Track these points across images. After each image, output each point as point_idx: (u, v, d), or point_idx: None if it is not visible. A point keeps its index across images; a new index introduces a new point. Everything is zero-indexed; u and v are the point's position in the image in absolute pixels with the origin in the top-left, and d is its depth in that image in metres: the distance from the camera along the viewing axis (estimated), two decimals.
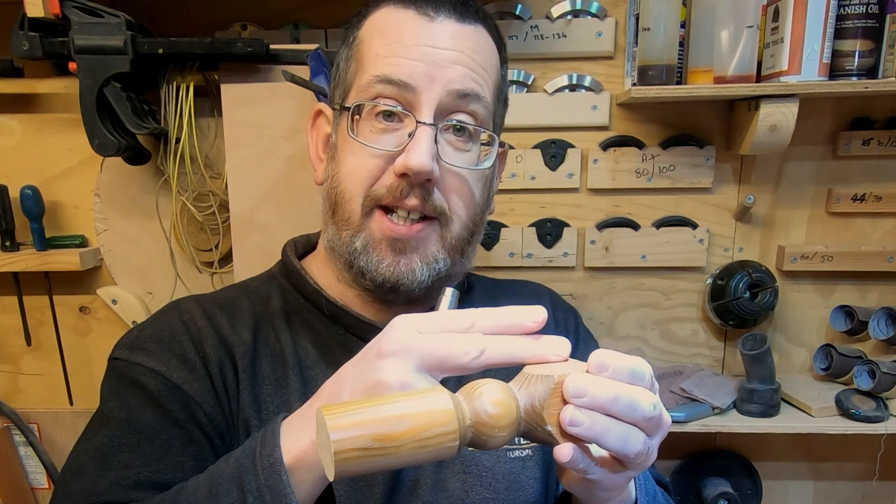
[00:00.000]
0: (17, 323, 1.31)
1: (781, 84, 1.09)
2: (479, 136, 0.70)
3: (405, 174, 0.64)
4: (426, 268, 0.67)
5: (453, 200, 0.68)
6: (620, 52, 1.24)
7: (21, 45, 1.03)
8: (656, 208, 1.30)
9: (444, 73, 0.65)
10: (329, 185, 0.70)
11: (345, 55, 0.72)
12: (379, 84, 0.65)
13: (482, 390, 0.46)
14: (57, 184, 1.28)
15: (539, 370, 0.48)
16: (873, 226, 1.30)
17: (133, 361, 0.65)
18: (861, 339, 1.31)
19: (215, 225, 1.21)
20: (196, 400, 0.64)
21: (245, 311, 0.72)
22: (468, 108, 0.67)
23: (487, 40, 0.70)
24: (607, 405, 0.44)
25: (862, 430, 1.17)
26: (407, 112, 0.65)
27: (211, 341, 0.67)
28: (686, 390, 1.23)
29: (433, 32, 0.65)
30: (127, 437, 0.61)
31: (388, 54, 0.65)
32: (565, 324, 0.83)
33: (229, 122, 1.10)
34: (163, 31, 1.13)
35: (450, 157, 0.67)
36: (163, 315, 0.71)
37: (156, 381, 0.63)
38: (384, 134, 0.66)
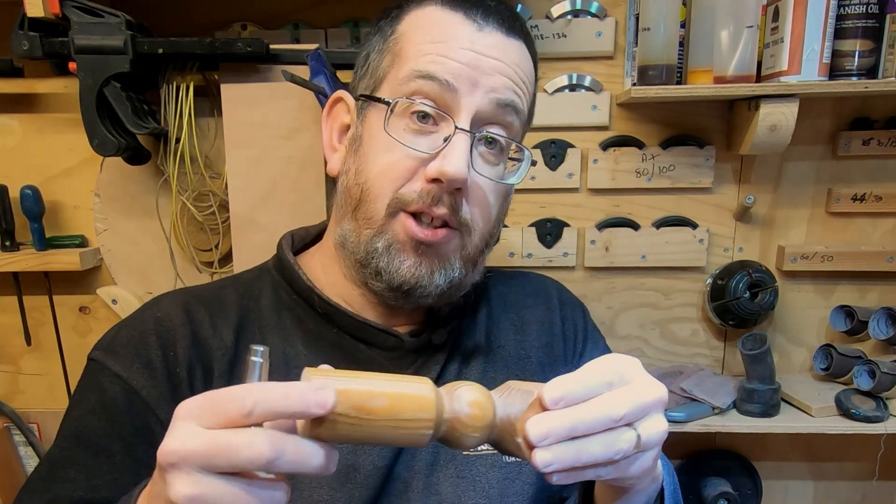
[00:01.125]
0: (17, 323, 1.31)
1: (781, 84, 1.09)
2: (507, 149, 0.68)
3: (437, 180, 0.62)
4: (444, 274, 0.66)
5: (476, 213, 0.66)
6: (620, 52, 1.24)
7: (21, 45, 1.03)
8: (656, 208, 1.30)
9: (487, 80, 0.63)
10: (352, 180, 0.67)
11: (377, 46, 0.69)
12: (419, 79, 0.63)
13: (463, 390, 0.47)
14: (57, 184, 1.28)
15: (522, 385, 0.49)
16: (873, 226, 1.30)
17: (104, 365, 0.64)
18: (861, 339, 1.31)
19: (215, 225, 1.21)
20: (152, 407, 0.62)
21: (231, 306, 0.70)
22: (505, 120, 0.66)
23: (528, 58, 0.69)
24: (570, 434, 0.45)
25: (862, 430, 1.17)
26: (445, 115, 0.63)
27: (183, 342, 0.65)
28: (686, 390, 1.23)
29: (481, 39, 0.64)
30: (76, 451, 0.61)
31: (433, 52, 0.63)
32: (573, 321, 0.81)
33: (229, 122, 1.10)
34: (163, 31, 1.13)
35: (480, 167, 0.65)
36: (141, 313, 0.69)
37: (117, 387, 0.63)
38: (419, 135, 0.64)
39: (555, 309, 0.81)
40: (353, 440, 0.43)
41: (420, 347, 0.70)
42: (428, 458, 0.67)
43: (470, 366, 0.73)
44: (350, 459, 0.65)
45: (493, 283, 0.83)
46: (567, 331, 0.80)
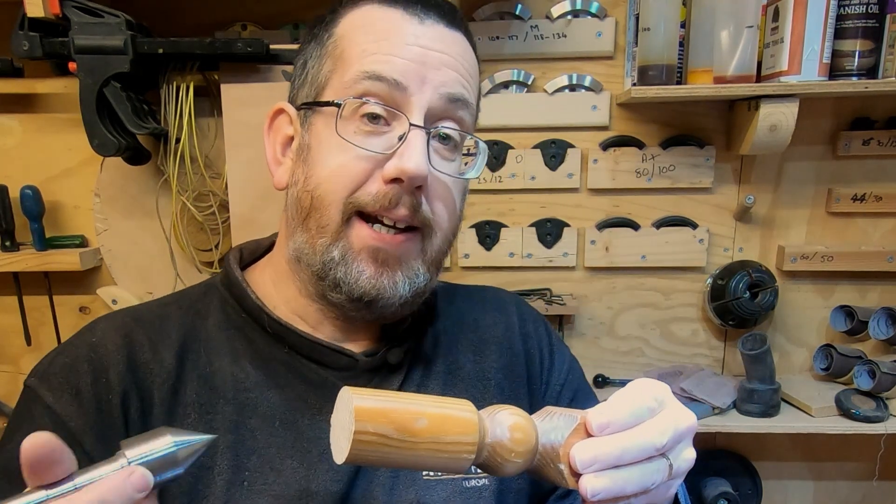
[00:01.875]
0: (17, 323, 1.31)
1: (781, 84, 1.09)
2: (462, 144, 0.66)
3: (397, 179, 0.59)
4: (408, 282, 0.63)
5: (437, 211, 0.64)
6: (620, 52, 1.24)
7: (21, 45, 1.03)
8: (656, 208, 1.30)
9: (436, 75, 0.61)
10: (301, 189, 0.64)
11: (314, 53, 0.66)
12: (367, 80, 0.60)
13: (504, 415, 0.45)
14: (57, 184, 1.28)
15: (563, 410, 0.48)
16: (873, 226, 1.30)
17: (37, 395, 0.61)
18: (861, 339, 1.31)
19: (215, 225, 1.21)
20: (78, 439, 0.59)
21: (174, 326, 0.66)
22: (456, 115, 0.64)
23: (470, 50, 0.67)
24: (617, 462, 0.44)
25: (862, 430, 1.17)
26: (398, 112, 0.61)
27: (116, 368, 0.62)
28: (686, 390, 1.23)
29: (424, 33, 0.62)
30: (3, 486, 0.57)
31: (377, 51, 0.61)
32: (536, 335, 0.79)
33: (229, 122, 1.10)
34: (163, 31, 1.13)
35: (438, 164, 0.63)
36: (77, 338, 0.65)
37: (46, 419, 0.59)
38: (371, 136, 0.61)
39: (514, 327, 0.78)
40: (392, 464, 0.42)
41: (375, 367, 0.67)
42: (387, 482, 0.64)
43: (428, 387, 0.70)
44: (303, 485, 0.62)
45: (451, 299, 0.80)
46: (530, 348, 0.77)
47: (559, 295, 1.32)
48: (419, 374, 0.70)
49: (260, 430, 0.63)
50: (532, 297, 1.30)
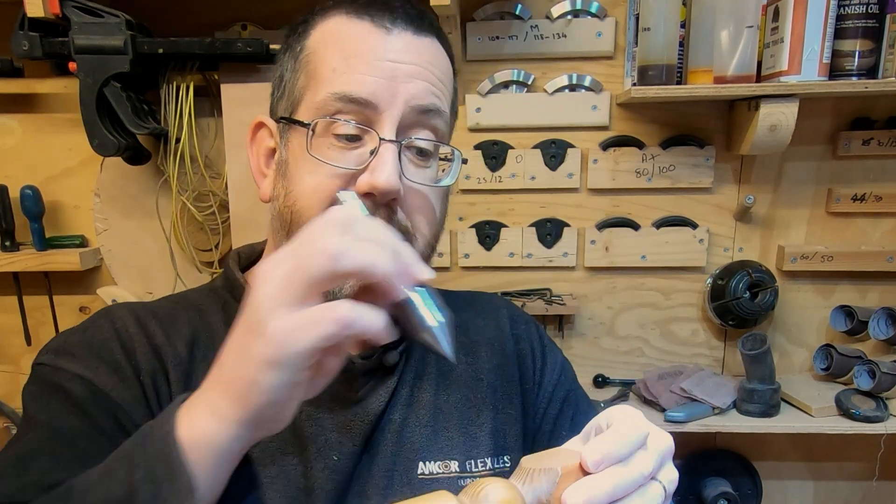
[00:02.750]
0: (17, 323, 1.31)
1: (781, 84, 1.09)
2: (437, 152, 0.67)
3: (370, 193, 0.61)
4: None
5: (417, 219, 0.65)
6: (620, 52, 1.24)
7: (21, 45, 1.03)
8: (656, 208, 1.30)
9: (405, 88, 0.62)
10: (282, 205, 0.66)
11: (290, 66, 0.68)
12: (338, 102, 0.62)
13: (487, 491, 0.44)
14: (57, 184, 1.28)
15: (538, 463, 0.47)
16: (873, 226, 1.30)
17: (58, 367, 0.61)
18: (861, 339, 1.31)
19: (215, 225, 1.21)
20: (125, 408, 0.60)
21: (182, 324, 0.68)
22: (429, 124, 0.64)
23: (442, 53, 0.68)
24: (611, 498, 0.44)
25: (862, 430, 1.17)
26: (368, 129, 0.62)
27: (143, 350, 0.64)
28: (686, 390, 1.23)
29: (391, 46, 0.63)
30: (47, 443, 0.58)
31: (347, 70, 0.62)
32: (528, 337, 0.79)
33: (229, 122, 1.10)
34: (163, 31, 1.13)
35: (412, 174, 0.64)
36: (93, 322, 0.67)
37: (81, 386, 0.60)
38: (344, 151, 0.62)
39: (505, 328, 0.79)
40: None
41: (371, 370, 0.68)
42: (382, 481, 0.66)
43: (422, 389, 0.71)
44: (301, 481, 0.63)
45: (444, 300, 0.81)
46: (522, 349, 0.78)
47: (559, 295, 1.32)
48: (412, 377, 0.72)
49: None
50: (532, 297, 1.31)
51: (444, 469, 0.68)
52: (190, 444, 0.46)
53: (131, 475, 0.45)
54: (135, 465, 0.46)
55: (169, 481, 0.45)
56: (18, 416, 1.31)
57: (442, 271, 1.34)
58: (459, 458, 0.68)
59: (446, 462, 0.68)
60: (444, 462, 0.68)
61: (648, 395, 1.26)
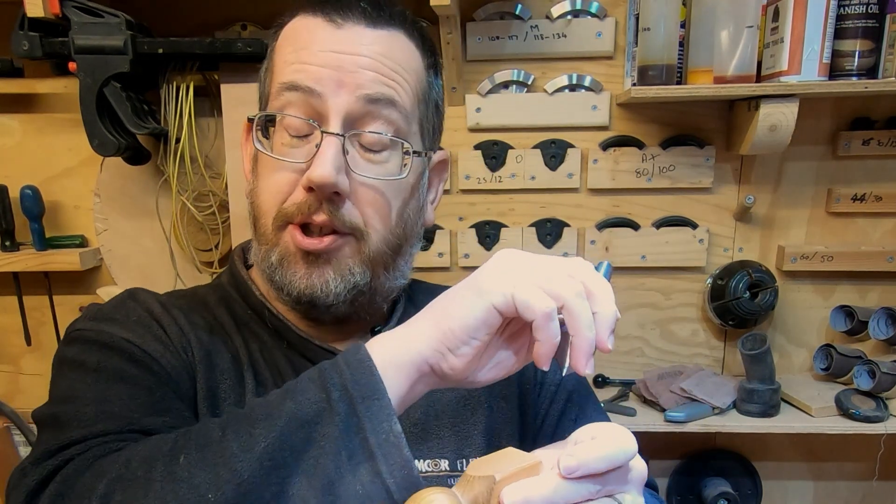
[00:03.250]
0: (17, 323, 1.31)
1: (781, 84, 1.09)
2: (397, 145, 0.65)
3: (311, 188, 0.61)
4: (341, 280, 0.64)
5: (368, 214, 0.65)
6: (620, 52, 1.24)
7: (21, 45, 1.03)
8: (656, 208, 1.30)
9: (352, 77, 0.62)
10: (251, 201, 0.69)
11: (264, 67, 0.70)
12: (286, 91, 0.63)
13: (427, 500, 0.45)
14: (57, 184, 1.28)
15: (481, 470, 0.47)
16: (873, 226, 1.30)
17: (102, 330, 0.61)
18: (861, 339, 1.31)
19: (215, 225, 1.21)
20: (172, 376, 0.61)
21: (196, 313, 0.69)
22: (381, 115, 0.63)
23: (405, 44, 0.67)
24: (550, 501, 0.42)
25: (862, 430, 1.17)
26: (310, 122, 0.63)
27: (172, 329, 0.65)
28: (686, 390, 1.23)
29: (341, 38, 0.63)
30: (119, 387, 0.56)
31: (295, 60, 0.63)
32: None
33: (229, 122, 1.10)
34: (163, 31, 1.13)
35: (362, 168, 0.63)
36: (121, 302, 0.67)
37: (133, 347, 0.60)
38: (294, 148, 0.63)
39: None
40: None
41: None
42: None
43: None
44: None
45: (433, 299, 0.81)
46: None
47: None
48: None
49: None
50: None
51: (433, 467, 0.68)
52: (384, 369, 0.47)
53: (326, 392, 0.46)
54: (328, 387, 0.46)
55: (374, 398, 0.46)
56: (19, 416, 1.31)
57: (442, 271, 1.33)
58: (450, 456, 0.68)
59: (436, 460, 0.68)
60: (435, 460, 0.68)
61: (648, 395, 1.26)
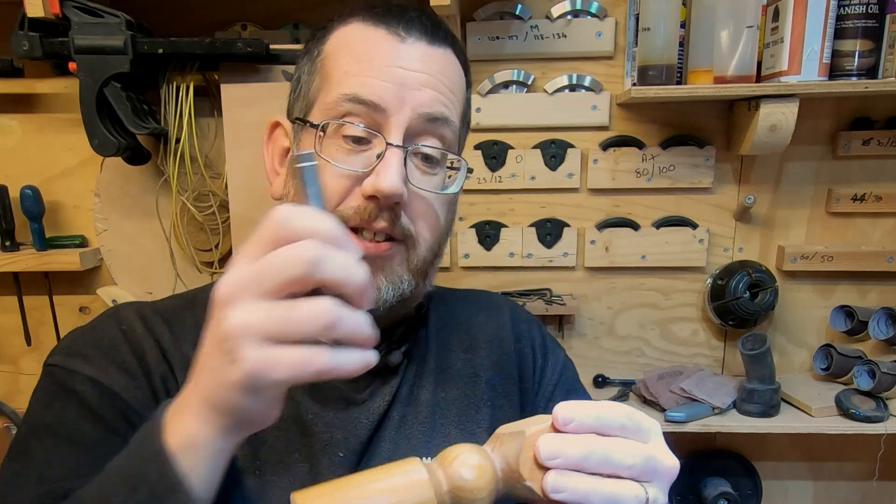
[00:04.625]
0: (17, 323, 1.31)
1: (781, 84, 1.09)
2: (445, 160, 0.68)
3: (374, 196, 0.62)
4: (392, 288, 0.65)
5: (420, 224, 0.66)
6: (620, 52, 1.24)
7: (21, 45, 1.03)
8: (656, 208, 1.30)
9: (414, 95, 0.63)
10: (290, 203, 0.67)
11: (307, 69, 0.69)
12: (347, 103, 0.63)
13: (456, 455, 0.46)
14: (57, 184, 1.28)
15: (510, 428, 0.48)
16: (873, 226, 1.30)
17: (70, 368, 0.62)
18: (861, 339, 1.31)
19: (215, 225, 1.21)
20: (136, 409, 0.61)
21: (188, 325, 0.68)
22: (437, 133, 0.65)
23: (455, 64, 0.68)
24: (582, 462, 0.44)
25: (862, 430, 1.17)
26: (376, 133, 0.63)
27: (152, 352, 0.64)
28: (686, 390, 1.23)
29: (404, 54, 0.64)
30: (63, 449, 0.59)
31: (358, 73, 0.63)
32: (530, 336, 0.80)
33: (229, 122, 1.10)
34: (163, 31, 1.13)
35: (417, 180, 0.65)
36: (100, 323, 0.67)
37: (93, 389, 0.60)
38: (351, 154, 0.64)
39: (506, 326, 0.79)
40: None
41: (376, 371, 0.67)
42: None
43: (421, 387, 0.72)
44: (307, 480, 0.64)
45: (444, 301, 0.82)
46: (523, 347, 0.78)
47: (559, 295, 1.32)
48: (413, 374, 0.72)
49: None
50: (532, 297, 1.31)
51: None
52: (182, 450, 0.46)
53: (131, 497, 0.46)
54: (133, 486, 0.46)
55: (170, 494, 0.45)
56: (18, 416, 1.31)
57: (442, 271, 1.34)
58: None
59: None
60: None
61: (648, 395, 1.26)
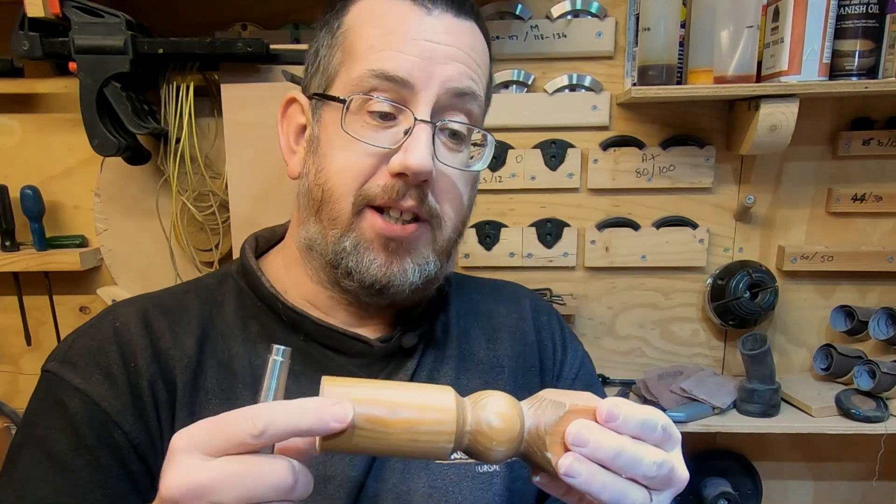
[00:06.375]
0: (17, 323, 1.31)
1: (781, 84, 1.09)
2: (470, 136, 0.66)
3: (402, 174, 0.60)
4: (418, 269, 0.64)
5: (445, 203, 0.65)
6: (620, 52, 1.24)
7: (21, 45, 1.03)
8: (656, 208, 1.30)
9: (442, 70, 0.61)
10: (312, 182, 0.65)
11: (326, 42, 0.66)
12: (374, 79, 0.61)
13: (488, 400, 0.44)
14: (57, 184, 1.28)
15: (555, 396, 0.46)
16: (873, 226, 1.30)
17: (61, 377, 0.61)
18: (861, 339, 1.31)
19: (215, 225, 1.21)
20: (114, 419, 0.60)
21: (193, 314, 0.67)
22: (464, 108, 0.64)
23: (480, 38, 0.67)
24: (608, 460, 0.43)
25: (862, 430, 1.17)
26: (404, 108, 0.61)
27: (144, 353, 0.63)
28: (686, 390, 1.23)
29: (430, 26, 0.62)
30: (43, 466, 0.59)
31: (384, 47, 0.61)
32: (549, 328, 0.79)
33: (229, 122, 1.10)
34: (163, 31, 1.13)
35: (444, 157, 0.63)
36: (98, 321, 0.66)
37: (77, 401, 0.60)
38: (377, 130, 0.62)
39: (527, 318, 0.78)
40: (369, 452, 0.42)
41: (390, 353, 0.68)
42: (399, 465, 0.65)
43: (442, 372, 0.71)
44: (321, 470, 0.63)
45: (465, 289, 0.81)
46: (543, 340, 0.77)
47: (559, 295, 1.32)
48: (432, 360, 0.71)
49: None
50: None
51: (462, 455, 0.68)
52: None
53: None
54: None
55: None
56: (18, 416, 1.31)
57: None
58: None
59: None
60: None
61: (648, 395, 1.26)
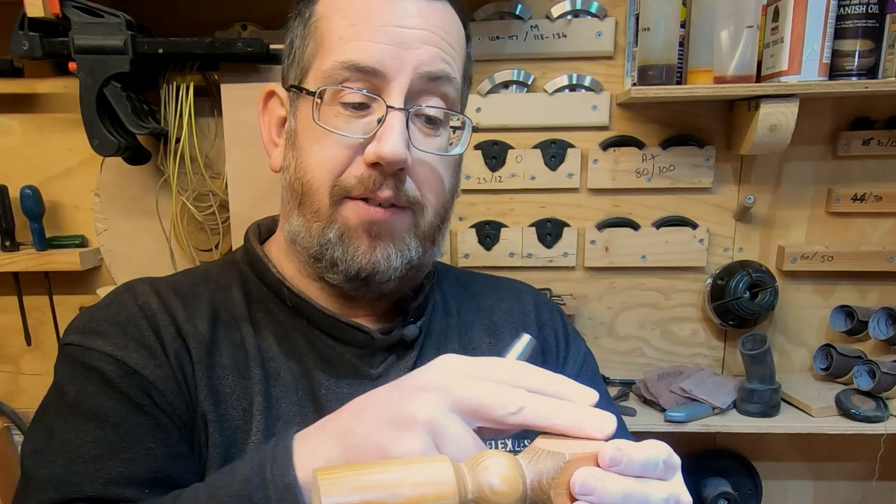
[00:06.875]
0: (17, 323, 1.31)
1: (781, 84, 1.09)
2: (448, 120, 0.65)
3: (377, 163, 0.60)
4: (399, 255, 0.64)
5: (426, 189, 0.64)
6: (620, 52, 1.24)
7: (21, 45, 1.03)
8: (656, 208, 1.30)
9: (413, 55, 0.60)
10: (292, 175, 0.65)
11: (299, 32, 0.66)
12: (345, 70, 0.60)
13: (488, 463, 0.44)
14: (57, 184, 1.28)
15: (551, 445, 0.46)
16: (873, 226, 1.30)
17: (88, 346, 0.60)
18: (861, 339, 1.31)
19: (215, 225, 1.21)
20: (157, 386, 0.60)
21: (203, 300, 0.67)
22: (439, 91, 0.63)
23: (454, 17, 0.65)
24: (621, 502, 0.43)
25: (862, 430, 1.17)
26: (375, 97, 0.61)
27: (167, 329, 0.63)
28: (686, 390, 1.23)
29: (399, 10, 0.61)
30: (89, 427, 0.57)
31: (353, 37, 0.60)
32: (552, 324, 0.79)
33: (229, 122, 1.10)
34: (163, 31, 1.13)
35: (420, 143, 0.63)
36: (117, 297, 0.66)
37: (113, 366, 0.59)
38: (351, 120, 0.61)
39: (530, 314, 0.78)
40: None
41: (391, 345, 0.68)
42: None
43: None
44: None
45: (467, 285, 0.81)
46: (546, 336, 0.77)
47: (559, 295, 1.32)
48: (433, 351, 0.71)
49: (284, 399, 0.64)
50: None
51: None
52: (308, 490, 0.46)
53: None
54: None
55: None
56: (19, 416, 1.31)
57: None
58: (511, 439, 0.67)
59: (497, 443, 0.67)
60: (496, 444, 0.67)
61: (648, 395, 1.26)
